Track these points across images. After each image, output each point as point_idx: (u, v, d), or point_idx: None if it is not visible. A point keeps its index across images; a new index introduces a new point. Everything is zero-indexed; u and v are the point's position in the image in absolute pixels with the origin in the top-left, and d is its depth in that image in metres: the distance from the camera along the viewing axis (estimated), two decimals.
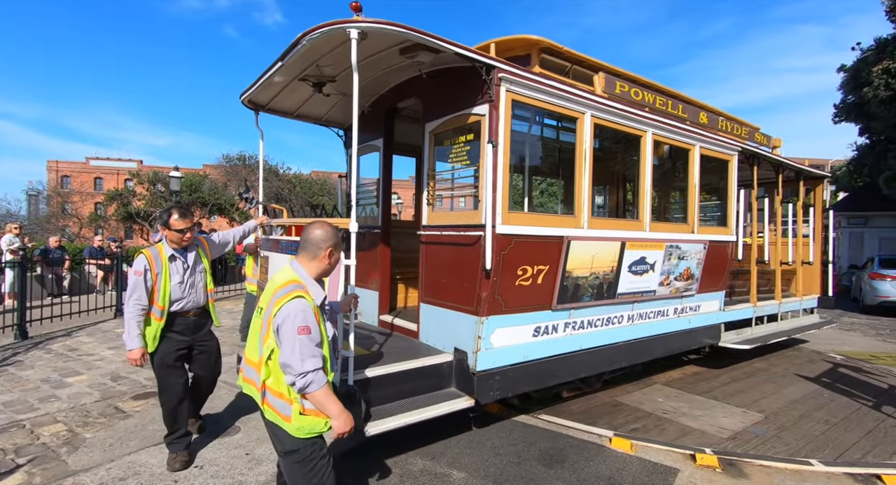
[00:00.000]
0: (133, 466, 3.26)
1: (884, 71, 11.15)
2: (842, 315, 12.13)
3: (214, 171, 32.45)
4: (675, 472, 3.43)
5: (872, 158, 14.65)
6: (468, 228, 3.54)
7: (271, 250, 3.88)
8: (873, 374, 6.56)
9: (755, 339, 6.49)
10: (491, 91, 3.31)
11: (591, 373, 4.43)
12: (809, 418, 4.76)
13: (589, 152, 4.02)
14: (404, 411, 3.20)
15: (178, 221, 3.23)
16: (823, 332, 9.34)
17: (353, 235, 2.90)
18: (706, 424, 4.49)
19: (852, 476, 3.49)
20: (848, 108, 14.35)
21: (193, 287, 3.37)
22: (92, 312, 8.90)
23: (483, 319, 3.45)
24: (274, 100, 4.60)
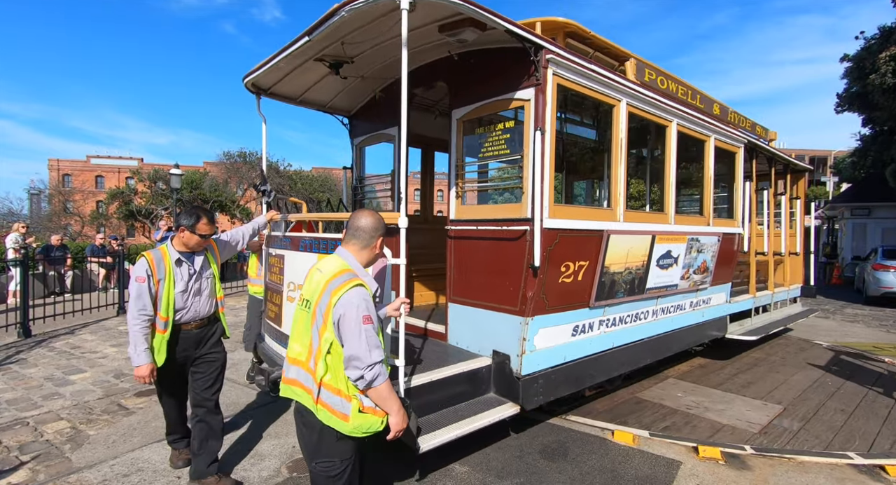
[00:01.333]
0: (136, 462, 3.28)
1: (891, 57, 11.13)
2: (844, 306, 12.21)
3: (215, 168, 32.76)
4: (678, 464, 3.39)
5: (876, 148, 14.74)
6: (511, 222, 3.28)
7: (287, 249, 3.51)
8: (868, 359, 6.79)
9: (757, 329, 6.57)
10: (538, 74, 3.06)
11: (621, 371, 4.30)
12: (826, 408, 4.80)
13: (625, 142, 3.84)
14: (451, 422, 2.94)
15: (207, 225, 2.87)
16: (826, 323, 9.70)
17: (402, 230, 2.58)
18: (734, 418, 4.44)
19: (855, 467, 3.48)
20: (851, 97, 14.29)
21: (198, 295, 2.97)
22: (94, 309, 8.97)
23: (528, 320, 3.22)
24: (279, 83, 4.19)
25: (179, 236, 2.90)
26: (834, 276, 18.11)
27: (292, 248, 3.42)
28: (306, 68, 3.91)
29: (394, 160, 4.57)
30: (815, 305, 10.36)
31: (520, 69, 3.14)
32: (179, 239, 2.90)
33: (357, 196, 5.07)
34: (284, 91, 4.41)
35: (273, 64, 3.49)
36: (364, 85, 4.56)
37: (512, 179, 3.38)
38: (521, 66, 3.12)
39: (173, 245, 2.92)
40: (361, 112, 4.97)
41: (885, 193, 16.79)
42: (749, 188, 6.30)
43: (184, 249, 2.91)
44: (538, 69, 3.05)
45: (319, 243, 3.08)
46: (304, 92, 4.51)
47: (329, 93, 4.65)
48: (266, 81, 4.12)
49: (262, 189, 3.72)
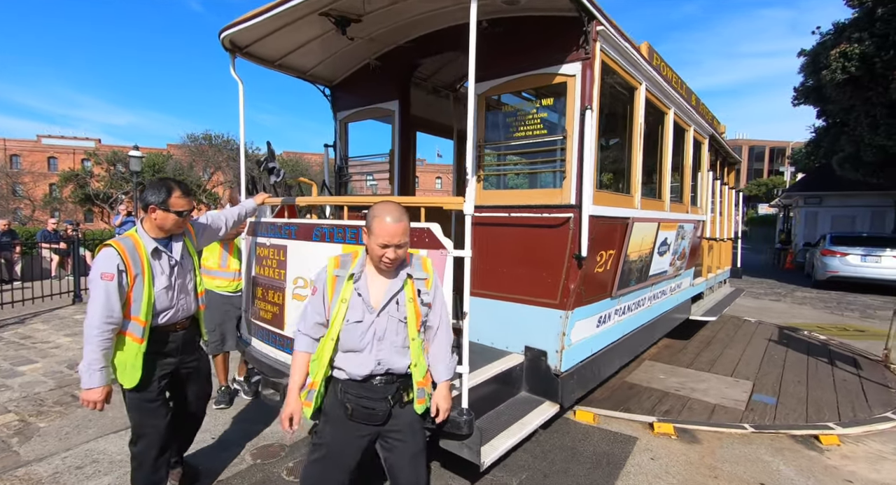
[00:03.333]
0: (91, 454, 3.18)
1: (841, 54, 11.72)
2: (795, 290, 12.92)
3: (178, 151, 31.37)
4: (634, 440, 3.54)
5: (828, 140, 15.55)
6: (551, 209, 3.04)
7: (290, 238, 2.96)
8: (794, 330, 7.64)
9: (713, 310, 7.05)
10: (588, 47, 2.81)
11: (628, 359, 4.31)
12: (786, 382, 5.24)
13: (643, 127, 3.75)
14: (501, 429, 2.68)
15: (182, 198, 2.29)
16: (778, 305, 10.50)
17: (468, 217, 2.22)
18: (719, 397, 4.67)
19: (792, 437, 3.79)
20: (807, 91, 15.03)
21: (185, 292, 2.43)
22: (48, 298, 8.65)
23: (569, 314, 3.03)
24: (260, 42, 3.51)
25: (150, 219, 2.30)
26: (787, 261, 19.18)
27: (299, 237, 2.89)
28: (298, 27, 3.32)
29: (392, 139, 4.09)
30: (741, 286, 11.45)
31: (565, 41, 2.87)
32: (151, 222, 2.30)
33: (343, 178, 4.51)
34: (263, 52, 3.73)
35: (271, 15, 2.87)
36: (353, 52, 4.01)
37: (549, 162, 3.13)
38: (568, 37, 2.85)
39: (145, 230, 2.31)
40: (348, 83, 4.39)
41: (835, 183, 17.56)
42: (711, 178, 6.67)
43: (159, 234, 2.32)
44: (588, 41, 2.80)
45: (346, 232, 2.60)
46: (286, 55, 3.86)
47: (313, 58, 4.03)
48: (246, 38, 3.43)
49: (271, 167, 3.09)
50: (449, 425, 2.22)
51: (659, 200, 4.44)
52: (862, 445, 3.67)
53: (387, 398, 1.95)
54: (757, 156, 68.82)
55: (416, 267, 2.03)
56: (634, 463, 3.23)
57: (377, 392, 1.95)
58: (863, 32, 11.50)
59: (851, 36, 11.84)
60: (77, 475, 2.89)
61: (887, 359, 6.03)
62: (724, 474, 3.14)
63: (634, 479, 3.03)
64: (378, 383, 1.95)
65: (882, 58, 11.00)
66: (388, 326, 1.94)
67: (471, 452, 2.29)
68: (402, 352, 1.96)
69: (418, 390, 1.99)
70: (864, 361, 6.15)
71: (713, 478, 3.09)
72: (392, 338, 1.95)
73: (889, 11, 10.94)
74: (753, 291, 12.55)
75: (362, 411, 1.94)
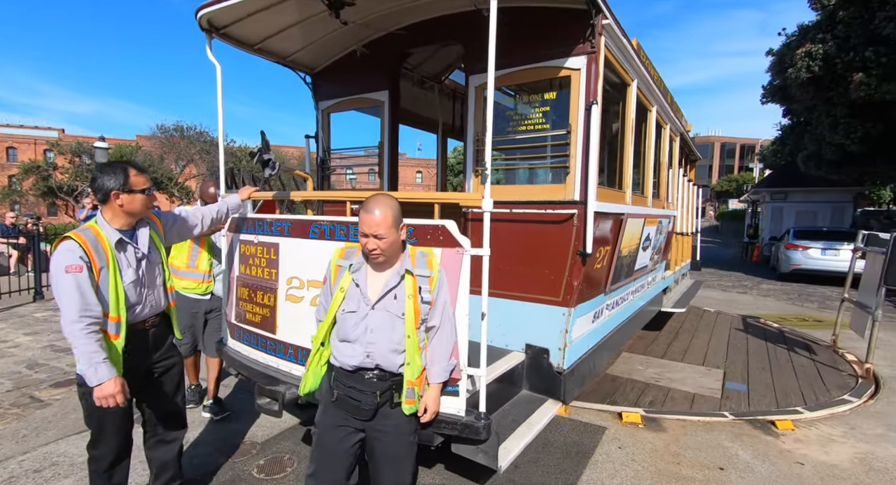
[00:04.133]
0: (50, 456, 3.08)
1: (806, 54, 12.25)
2: (761, 282, 13.37)
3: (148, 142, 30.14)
4: (603, 430, 3.65)
5: (793, 137, 16.21)
6: (554, 205, 2.99)
7: (282, 235, 2.76)
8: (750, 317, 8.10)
9: (681, 301, 7.35)
10: (594, 40, 2.77)
11: (615, 352, 4.37)
12: (752, 368, 5.54)
13: (634, 123, 3.78)
14: (511, 430, 2.63)
15: (139, 176, 2.14)
16: (743, 297, 10.94)
17: (486, 215, 2.13)
18: (696, 386, 4.85)
19: (751, 423, 3.99)
20: (774, 90, 15.47)
21: (153, 286, 2.25)
22: (5, 295, 8.25)
23: (571, 311, 3.01)
24: (240, 23, 3.24)
25: (114, 207, 2.11)
26: (755, 255, 19.85)
27: (294, 234, 2.69)
28: (284, 8, 3.08)
29: (382, 131, 3.92)
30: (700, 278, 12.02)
31: (571, 34, 2.82)
32: (113, 211, 2.12)
33: (326, 171, 4.28)
34: (242, 34, 3.45)
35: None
36: (338, 38, 3.80)
37: (552, 157, 3.08)
38: (574, 30, 2.80)
39: (106, 222, 2.12)
40: (331, 70, 4.15)
41: (800, 180, 18.11)
42: (680, 174, 6.91)
43: (124, 223, 2.15)
44: (594, 35, 2.76)
45: (348, 229, 2.44)
46: (267, 38, 3.59)
47: (295, 43, 3.78)
48: (226, 18, 3.15)
49: (266, 159, 2.84)
50: (467, 431, 2.14)
51: (643, 196, 4.52)
52: (814, 429, 3.91)
53: (375, 394, 1.91)
54: (728, 152, 72.43)
55: (421, 264, 1.98)
56: (603, 452, 3.33)
57: (366, 386, 1.92)
58: (825, 34, 12.10)
59: (815, 37, 12.39)
60: (35, 479, 2.79)
61: (835, 344, 6.51)
62: (686, 460, 3.28)
63: (602, 467, 3.13)
64: (370, 377, 1.92)
65: (842, 59, 11.61)
66: (383, 321, 1.91)
67: (487, 456, 2.22)
68: (396, 349, 1.92)
69: (408, 389, 1.93)
70: (817, 346, 6.60)
71: (676, 464, 3.22)
72: (387, 333, 1.91)
73: (849, 14, 11.54)
74: (722, 284, 13.12)
75: (348, 401, 1.93)
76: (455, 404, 2.19)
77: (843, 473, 3.19)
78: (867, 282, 5.94)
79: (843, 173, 14.77)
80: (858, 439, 3.71)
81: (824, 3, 12.28)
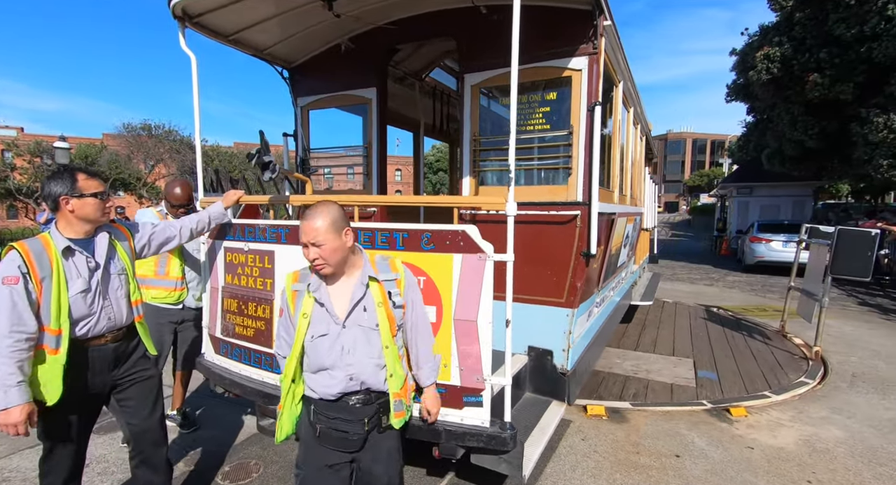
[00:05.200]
0: (1, 472, 2.98)
1: (765, 56, 12.78)
2: (727, 275, 13.82)
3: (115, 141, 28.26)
4: (568, 423, 3.75)
5: (756, 134, 16.88)
6: (557, 206, 2.98)
7: (280, 242, 2.56)
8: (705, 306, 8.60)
9: (647, 295, 7.66)
10: (596, 41, 2.77)
11: (603, 346, 4.46)
12: (718, 356, 5.87)
13: (620, 124, 3.85)
14: (524, 437, 2.59)
15: (89, 179, 2.07)
16: (709, 289, 11.37)
17: (510, 218, 2.07)
18: (673, 377, 5.07)
19: (708, 411, 4.23)
20: (737, 88, 16.08)
21: (108, 297, 2.10)
22: None
23: (574, 312, 3.02)
24: (217, 12, 2.97)
25: (66, 214, 2.02)
26: (723, 248, 19.97)
27: (290, 241, 2.51)
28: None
29: (367, 131, 3.75)
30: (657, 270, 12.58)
31: (573, 34, 2.81)
32: (66, 219, 2.03)
33: (306, 171, 4.05)
34: (218, 23, 3.17)
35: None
36: (322, 31, 3.59)
37: (554, 157, 3.06)
38: (576, 31, 2.79)
39: (58, 230, 2.02)
40: (311, 65, 3.92)
41: (764, 175, 18.49)
42: (646, 172, 7.18)
43: (80, 231, 2.04)
44: (597, 36, 2.77)
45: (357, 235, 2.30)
46: (244, 29, 3.32)
47: (274, 35, 3.53)
48: (202, 6, 2.87)
49: (266, 161, 2.59)
50: (494, 442, 2.08)
51: (623, 195, 4.64)
52: (765, 414, 4.16)
53: (363, 421, 1.79)
54: (700, 148, 75.76)
55: (383, 268, 1.89)
56: (567, 444, 3.41)
57: (352, 414, 1.79)
58: (783, 36, 12.79)
59: (773, 39, 13.03)
60: None
61: (783, 329, 7.04)
62: (645, 449, 3.42)
63: (565, 459, 3.21)
64: (354, 403, 1.79)
65: (798, 60, 12.32)
66: (358, 337, 1.79)
67: (511, 467, 2.17)
68: (379, 363, 1.81)
69: (396, 401, 1.83)
70: (769, 332, 7.10)
71: (635, 454, 3.36)
72: (364, 349, 1.79)
73: (806, 16, 12.25)
74: (691, 276, 13.69)
75: (334, 434, 1.80)
76: (479, 415, 2.12)
77: (788, 455, 3.42)
78: (812, 271, 6.45)
79: (803, 169, 15.56)
80: (805, 422, 3.99)
81: (782, 4, 12.95)
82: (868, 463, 3.35)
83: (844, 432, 3.82)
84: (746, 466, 3.28)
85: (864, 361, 5.65)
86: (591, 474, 3.04)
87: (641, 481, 3.01)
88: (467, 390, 2.10)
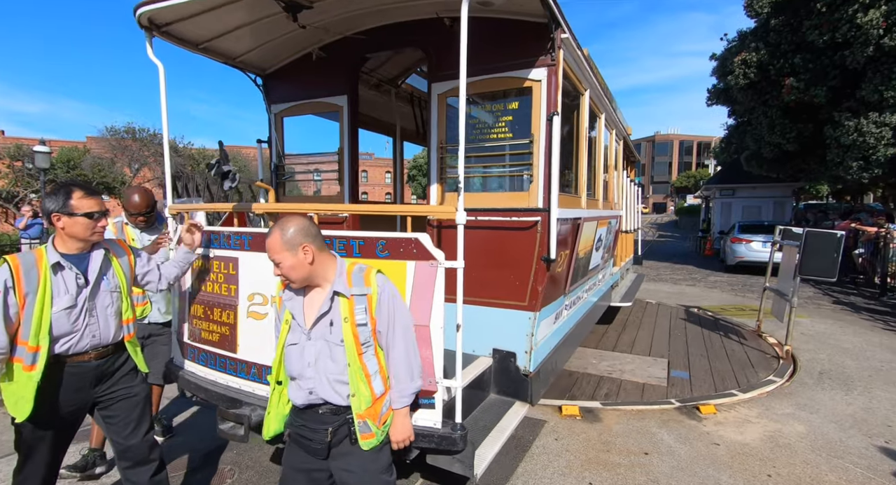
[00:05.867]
0: None
1: (742, 62, 13.14)
2: (709, 275, 14.04)
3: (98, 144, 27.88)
4: (543, 423, 3.85)
5: (737, 137, 17.19)
6: (519, 212, 3.07)
7: (244, 249, 2.62)
8: (687, 307, 8.74)
9: (627, 296, 7.78)
10: (554, 53, 2.86)
11: (574, 349, 4.56)
12: (692, 356, 5.99)
13: (587, 131, 3.95)
14: (483, 436, 2.67)
15: (85, 198, 2.04)
16: (691, 289, 11.53)
17: (460, 227, 2.14)
18: (646, 377, 5.18)
19: (678, 409, 4.32)
20: (718, 92, 16.49)
21: (94, 314, 2.10)
22: None
23: (536, 315, 3.10)
24: (184, 21, 3.02)
25: (59, 231, 2.05)
26: (707, 248, 20.19)
27: (254, 248, 2.57)
28: (236, 8, 2.92)
29: (340, 137, 3.81)
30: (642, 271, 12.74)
31: (533, 46, 2.90)
32: (59, 234, 2.06)
33: (280, 177, 4.10)
34: (186, 32, 3.22)
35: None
36: (293, 39, 3.65)
37: (515, 165, 3.15)
38: (535, 43, 2.88)
39: (53, 245, 2.05)
40: (284, 72, 3.98)
41: (746, 176, 18.69)
42: (624, 175, 7.30)
43: (72, 247, 2.06)
44: (554, 48, 2.86)
45: None
46: (214, 38, 3.37)
47: (246, 43, 3.59)
48: (169, 16, 2.92)
49: (225, 171, 2.65)
50: (444, 443, 2.15)
51: (594, 199, 4.74)
52: (733, 412, 4.27)
53: (326, 430, 1.80)
54: (686, 150, 76.35)
55: (357, 282, 1.82)
56: (540, 444, 3.49)
57: (317, 422, 1.81)
58: (759, 42, 13.08)
59: (750, 44, 13.31)
60: None
61: (759, 329, 7.19)
62: (615, 448, 3.52)
63: (538, 459, 3.29)
64: (324, 411, 1.81)
65: (774, 65, 12.61)
66: (322, 351, 1.80)
67: (463, 466, 2.25)
68: (340, 380, 1.79)
69: (360, 423, 1.77)
70: (745, 332, 7.25)
71: (605, 452, 3.45)
72: (326, 364, 1.79)
73: (781, 23, 12.52)
74: (673, 277, 13.84)
75: (300, 439, 1.85)
76: (431, 417, 2.19)
77: (752, 450, 3.54)
78: (784, 272, 6.60)
79: (781, 171, 15.85)
80: (770, 418, 4.11)
81: (758, 11, 13.25)
82: (826, 457, 3.47)
83: (807, 427, 3.94)
84: (711, 461, 3.38)
85: (833, 359, 5.80)
86: (560, 473, 3.12)
87: (610, 479, 3.10)
88: (421, 392, 2.17)
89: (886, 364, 5.60)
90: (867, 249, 11.74)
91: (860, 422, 4.03)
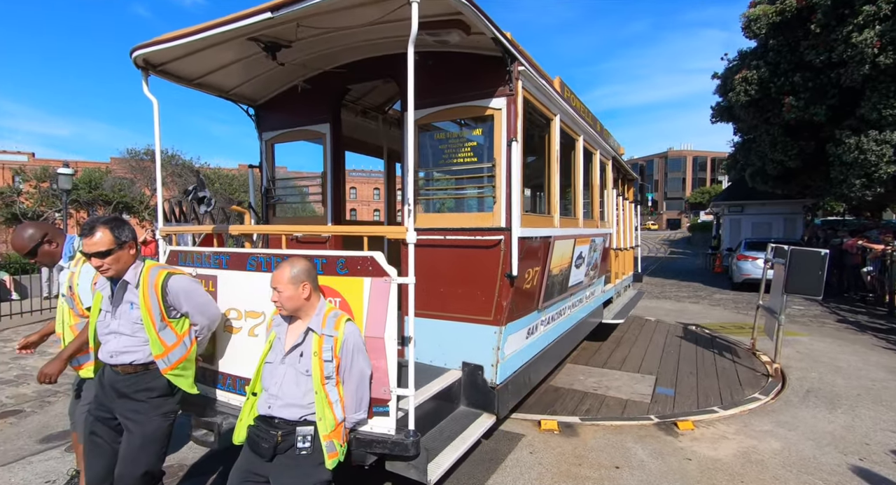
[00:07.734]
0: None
1: (743, 79, 13.36)
2: (715, 293, 13.96)
3: (120, 165, 29.76)
4: (520, 437, 3.93)
5: (742, 154, 17.27)
6: (483, 232, 3.25)
7: (222, 268, 2.84)
8: (686, 325, 8.70)
9: (621, 313, 7.82)
10: (511, 84, 3.09)
11: (554, 364, 4.66)
12: (681, 373, 6.00)
13: (559, 153, 4.14)
14: (444, 445, 2.80)
15: (85, 239, 2.20)
16: (694, 307, 11.46)
17: (411, 246, 2.34)
18: (629, 393, 5.22)
19: (656, 425, 4.35)
20: (721, 110, 16.59)
21: (112, 333, 2.27)
22: None
23: (502, 329, 3.25)
24: (178, 61, 3.34)
25: None
26: (717, 265, 19.78)
27: (231, 266, 2.79)
28: (223, 49, 3.22)
29: (324, 162, 4.08)
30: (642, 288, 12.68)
31: (492, 78, 3.13)
32: None
33: (270, 199, 4.37)
34: (181, 70, 3.54)
35: (197, 38, 2.77)
36: (279, 74, 3.95)
37: (480, 187, 3.35)
38: (494, 74, 3.11)
39: None
40: (274, 103, 4.29)
41: (754, 193, 18.54)
42: (615, 195, 7.44)
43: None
44: (511, 80, 3.08)
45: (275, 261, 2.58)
46: (206, 74, 3.69)
47: (236, 78, 3.90)
48: (162, 57, 3.24)
49: (202, 197, 2.90)
50: (397, 448, 2.30)
51: (573, 218, 4.89)
52: (711, 428, 4.28)
53: (276, 435, 2.02)
54: (700, 165, 75.88)
55: (330, 324, 2.11)
56: (514, 458, 3.56)
57: (272, 427, 2.06)
58: (759, 60, 13.26)
59: (751, 63, 13.49)
60: None
61: (753, 346, 7.15)
62: (587, 461, 3.59)
63: (510, 471, 3.38)
64: (277, 421, 2.06)
65: (775, 84, 12.75)
66: (288, 376, 2.07)
67: (418, 472, 2.38)
68: (298, 403, 2.04)
69: (327, 443, 2.03)
70: (739, 350, 7.21)
71: (577, 465, 3.53)
72: (289, 389, 2.05)
73: (779, 43, 12.71)
74: (678, 294, 13.73)
75: (254, 438, 2.09)
76: (385, 424, 2.34)
77: (723, 466, 3.57)
78: (774, 289, 6.61)
79: (786, 188, 15.77)
80: (748, 435, 4.12)
81: (756, 32, 13.47)
82: (797, 472, 3.49)
83: (782, 443, 3.96)
84: (681, 476, 3.44)
85: (824, 377, 5.76)
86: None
87: None
88: (376, 400, 2.33)
89: (878, 383, 5.54)
90: (875, 266, 11.58)
91: (838, 439, 4.03)
